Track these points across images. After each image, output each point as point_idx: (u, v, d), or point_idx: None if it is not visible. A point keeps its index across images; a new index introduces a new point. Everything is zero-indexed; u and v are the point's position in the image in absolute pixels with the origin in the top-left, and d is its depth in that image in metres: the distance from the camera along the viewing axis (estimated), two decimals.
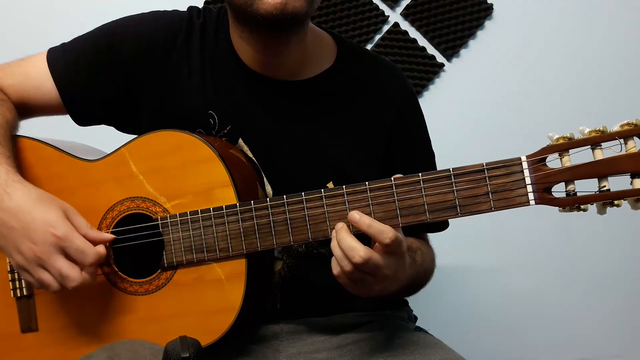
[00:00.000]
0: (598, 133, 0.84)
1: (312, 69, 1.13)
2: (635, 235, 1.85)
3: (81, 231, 0.97)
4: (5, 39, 1.80)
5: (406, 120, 1.17)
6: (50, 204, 0.97)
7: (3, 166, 1.00)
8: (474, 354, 1.21)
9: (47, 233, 0.95)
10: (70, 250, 0.95)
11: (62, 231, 0.95)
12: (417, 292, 1.16)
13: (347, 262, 0.88)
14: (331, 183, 1.10)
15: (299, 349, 1.10)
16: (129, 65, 1.11)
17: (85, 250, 0.95)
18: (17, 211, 0.96)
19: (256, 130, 1.08)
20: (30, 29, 1.81)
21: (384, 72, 1.19)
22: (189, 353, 0.85)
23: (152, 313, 1.01)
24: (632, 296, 1.91)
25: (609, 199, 0.84)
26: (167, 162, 1.01)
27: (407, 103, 1.18)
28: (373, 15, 1.84)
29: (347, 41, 1.19)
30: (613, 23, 1.86)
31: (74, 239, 0.95)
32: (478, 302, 1.90)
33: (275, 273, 1.10)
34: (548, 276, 1.91)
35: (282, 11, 0.97)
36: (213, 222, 0.98)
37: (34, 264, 0.96)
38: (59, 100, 1.13)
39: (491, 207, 0.86)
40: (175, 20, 1.14)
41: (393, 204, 0.90)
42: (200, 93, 1.10)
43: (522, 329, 1.91)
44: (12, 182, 0.98)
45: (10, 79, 1.14)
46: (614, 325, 1.92)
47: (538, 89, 1.87)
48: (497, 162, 0.87)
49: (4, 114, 1.08)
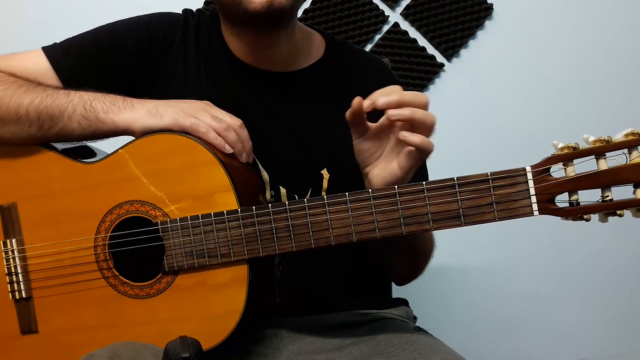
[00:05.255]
0: (602, 143, 0.83)
1: (302, 61, 1.17)
2: (636, 236, 1.86)
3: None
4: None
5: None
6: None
7: (108, 95, 1.05)
8: (474, 354, 1.21)
9: (195, 103, 1.04)
10: (218, 113, 1.02)
11: (207, 103, 1.04)
12: (423, 266, 1.19)
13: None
14: (325, 170, 1.12)
15: (298, 348, 1.10)
16: (130, 61, 1.14)
17: (230, 116, 1.03)
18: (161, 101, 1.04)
19: (250, 120, 1.09)
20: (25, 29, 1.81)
21: (370, 66, 1.23)
22: (189, 353, 0.85)
23: (153, 316, 1.01)
24: (632, 296, 1.91)
25: (612, 208, 0.84)
26: (166, 166, 1.01)
27: None
28: (373, 15, 1.84)
29: (335, 37, 1.25)
30: (614, 23, 1.86)
31: (218, 109, 1.03)
32: (478, 302, 1.91)
33: (274, 267, 1.11)
34: (548, 277, 1.91)
35: (269, 8, 1.02)
36: (214, 227, 0.97)
37: (189, 112, 1.02)
38: None
39: (495, 217, 0.86)
40: (172, 19, 1.18)
41: (396, 212, 0.90)
42: (196, 88, 1.13)
43: (522, 329, 1.92)
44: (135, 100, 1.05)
45: (8, 71, 1.13)
46: (614, 325, 1.93)
47: (538, 88, 1.87)
48: (501, 172, 0.87)
49: (35, 82, 1.09)
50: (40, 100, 1.04)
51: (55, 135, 1.06)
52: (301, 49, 1.18)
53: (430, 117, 0.93)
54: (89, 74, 1.13)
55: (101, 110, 1.03)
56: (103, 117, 1.02)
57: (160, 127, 1.00)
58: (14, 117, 1.05)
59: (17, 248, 1.07)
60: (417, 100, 0.94)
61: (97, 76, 1.13)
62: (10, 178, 1.09)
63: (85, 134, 1.05)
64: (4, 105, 1.05)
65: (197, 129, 0.99)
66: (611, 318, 1.92)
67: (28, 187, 1.08)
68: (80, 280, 1.04)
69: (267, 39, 1.11)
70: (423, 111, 0.93)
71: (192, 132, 0.99)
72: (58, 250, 1.05)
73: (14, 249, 1.08)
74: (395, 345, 1.03)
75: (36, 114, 1.04)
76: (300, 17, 1.78)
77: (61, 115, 1.04)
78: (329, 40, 1.22)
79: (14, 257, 1.08)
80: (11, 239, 1.08)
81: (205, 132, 0.99)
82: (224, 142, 0.99)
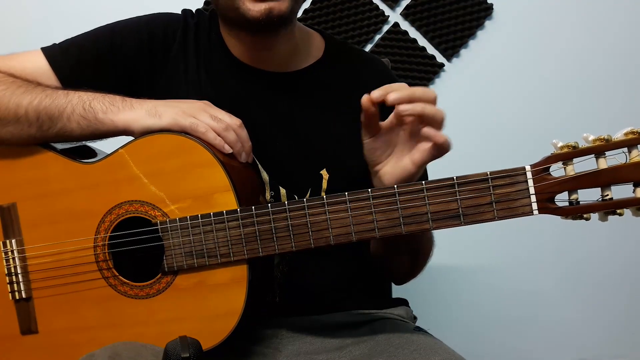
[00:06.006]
0: (602, 142, 0.83)
1: (302, 61, 1.17)
2: (636, 235, 1.86)
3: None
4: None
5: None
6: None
7: (107, 95, 1.05)
8: (474, 354, 1.21)
9: (195, 103, 1.04)
10: (218, 113, 1.02)
11: (206, 103, 1.04)
12: (424, 263, 1.19)
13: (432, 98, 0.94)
14: (325, 171, 1.12)
15: (298, 348, 1.10)
16: (130, 61, 1.13)
17: (229, 115, 1.03)
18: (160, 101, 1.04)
19: (249, 120, 1.09)
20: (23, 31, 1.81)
21: (370, 66, 1.23)
22: (189, 353, 0.85)
23: (152, 316, 1.01)
24: (632, 296, 1.91)
25: (612, 207, 0.84)
26: (166, 166, 1.01)
27: None
28: (373, 15, 1.84)
29: (334, 37, 1.24)
30: (614, 23, 1.86)
31: (217, 109, 1.03)
32: (478, 302, 1.91)
33: (274, 267, 1.11)
34: (548, 276, 1.91)
35: (268, 16, 1.03)
36: (214, 227, 0.97)
37: (188, 112, 1.02)
38: None
39: (494, 217, 0.86)
40: (172, 20, 1.18)
41: (396, 212, 0.90)
42: (196, 87, 1.13)
43: (522, 329, 1.92)
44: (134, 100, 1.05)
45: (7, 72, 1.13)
46: (614, 325, 1.93)
47: (538, 88, 1.87)
48: (501, 171, 0.87)
49: (34, 82, 1.09)
50: (39, 100, 1.04)
51: (55, 136, 1.06)
52: (301, 50, 1.18)
53: (439, 113, 0.94)
54: (89, 75, 1.13)
55: (100, 111, 1.03)
56: (102, 117, 1.02)
57: (159, 127, 1.00)
58: (13, 117, 1.05)
59: (17, 248, 1.07)
60: (427, 95, 0.94)
61: (97, 76, 1.13)
62: (10, 178, 1.09)
63: (85, 134, 1.05)
64: (3, 105, 1.05)
65: (197, 129, 0.99)
66: (611, 318, 1.92)
67: (28, 187, 1.08)
68: (80, 280, 1.04)
69: (266, 41, 1.12)
70: (433, 107, 0.94)
71: (191, 132, 0.99)
72: (58, 251, 1.05)
73: (13, 249, 1.07)
74: (395, 345, 1.03)
75: (35, 115, 1.04)
76: (300, 17, 1.78)
77: (60, 115, 1.04)
78: (329, 40, 1.22)
79: (13, 258, 1.07)
80: (11, 240, 1.08)
81: (205, 132, 0.99)
82: (223, 142, 0.99)
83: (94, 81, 1.11)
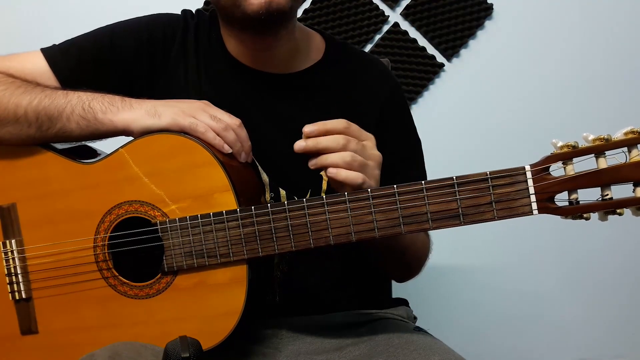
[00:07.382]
0: (602, 141, 0.83)
1: (302, 62, 1.17)
2: (636, 235, 1.86)
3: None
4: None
5: (390, 115, 1.19)
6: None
7: (106, 95, 1.05)
8: (474, 354, 1.21)
9: (194, 102, 1.04)
10: (217, 113, 1.02)
11: (206, 102, 1.04)
12: (418, 266, 1.19)
13: (342, 138, 0.95)
14: (324, 171, 1.11)
15: (298, 348, 1.10)
16: (130, 62, 1.13)
17: (228, 115, 1.02)
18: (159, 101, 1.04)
19: (249, 121, 1.09)
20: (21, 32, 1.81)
21: (370, 67, 1.22)
22: (189, 353, 0.85)
23: (152, 316, 1.01)
24: (632, 296, 1.91)
25: (612, 207, 0.84)
26: (165, 166, 1.01)
27: (391, 98, 1.20)
28: (373, 15, 1.84)
29: (335, 38, 1.24)
30: (614, 23, 1.86)
31: (217, 109, 1.03)
32: (478, 302, 1.91)
33: (274, 267, 1.11)
34: (548, 276, 1.91)
35: (268, 9, 1.02)
36: (213, 227, 0.97)
37: (188, 112, 1.02)
38: None
39: (494, 217, 0.86)
40: (172, 20, 1.18)
41: (396, 212, 0.90)
42: (196, 88, 1.13)
43: (522, 329, 1.92)
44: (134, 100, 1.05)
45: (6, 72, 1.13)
46: (614, 325, 1.93)
47: (538, 88, 1.87)
48: (500, 171, 0.87)
49: (34, 83, 1.09)
50: (38, 100, 1.04)
51: (54, 136, 1.05)
52: (301, 50, 1.17)
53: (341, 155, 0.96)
54: (89, 75, 1.13)
55: (99, 111, 1.02)
56: (101, 117, 1.02)
57: (158, 127, 1.00)
58: (13, 117, 1.05)
59: (17, 249, 1.07)
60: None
61: (97, 77, 1.12)
62: (10, 179, 1.09)
63: (84, 135, 1.05)
64: (3, 106, 1.05)
65: (196, 128, 0.99)
66: (611, 318, 1.92)
67: (27, 187, 1.08)
68: (80, 280, 1.04)
69: (266, 41, 1.11)
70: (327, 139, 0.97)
71: (190, 132, 0.99)
72: (58, 251, 1.05)
73: (13, 249, 1.07)
74: (395, 345, 1.03)
75: (35, 115, 1.04)
76: (300, 17, 1.78)
77: (60, 115, 1.03)
78: (329, 41, 1.22)
79: (13, 258, 1.07)
80: (11, 240, 1.08)
81: (204, 132, 0.99)
82: (222, 142, 0.99)
83: (93, 82, 1.11)
